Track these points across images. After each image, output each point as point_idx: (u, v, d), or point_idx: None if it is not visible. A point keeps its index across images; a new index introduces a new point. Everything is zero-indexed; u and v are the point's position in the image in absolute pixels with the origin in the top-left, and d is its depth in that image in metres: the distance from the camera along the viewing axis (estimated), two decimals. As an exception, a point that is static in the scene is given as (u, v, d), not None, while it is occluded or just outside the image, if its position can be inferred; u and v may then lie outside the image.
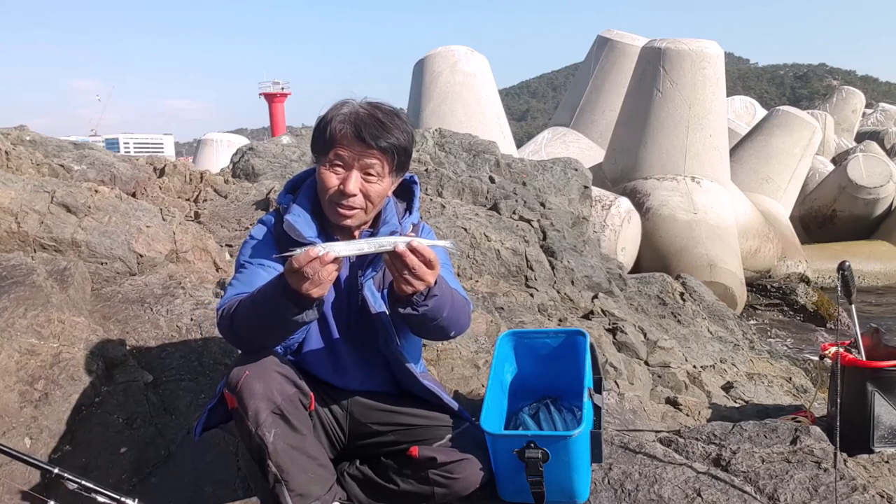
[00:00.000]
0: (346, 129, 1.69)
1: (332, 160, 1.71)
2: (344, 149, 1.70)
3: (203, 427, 1.79)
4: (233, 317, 1.62)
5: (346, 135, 1.69)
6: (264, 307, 1.56)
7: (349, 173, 1.71)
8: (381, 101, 1.77)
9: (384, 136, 1.70)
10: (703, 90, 11.32)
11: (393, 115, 1.75)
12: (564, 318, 4.09)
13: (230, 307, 1.64)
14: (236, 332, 1.65)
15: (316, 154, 1.78)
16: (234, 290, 1.71)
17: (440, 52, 13.91)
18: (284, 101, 59.79)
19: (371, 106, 1.74)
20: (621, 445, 2.16)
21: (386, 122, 1.71)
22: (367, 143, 1.69)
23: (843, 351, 2.54)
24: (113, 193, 3.72)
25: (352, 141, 1.69)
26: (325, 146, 1.72)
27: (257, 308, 1.57)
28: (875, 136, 23.55)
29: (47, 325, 2.36)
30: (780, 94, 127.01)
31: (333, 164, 1.72)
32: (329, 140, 1.71)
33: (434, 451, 1.78)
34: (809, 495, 1.90)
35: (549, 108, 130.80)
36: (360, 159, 1.70)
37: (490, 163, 6.63)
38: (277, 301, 1.52)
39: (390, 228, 1.79)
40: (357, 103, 1.74)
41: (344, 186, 1.70)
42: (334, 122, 1.71)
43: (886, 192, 15.09)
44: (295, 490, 1.61)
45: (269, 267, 1.74)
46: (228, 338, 1.71)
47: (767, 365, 5.21)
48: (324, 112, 1.76)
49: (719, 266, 9.95)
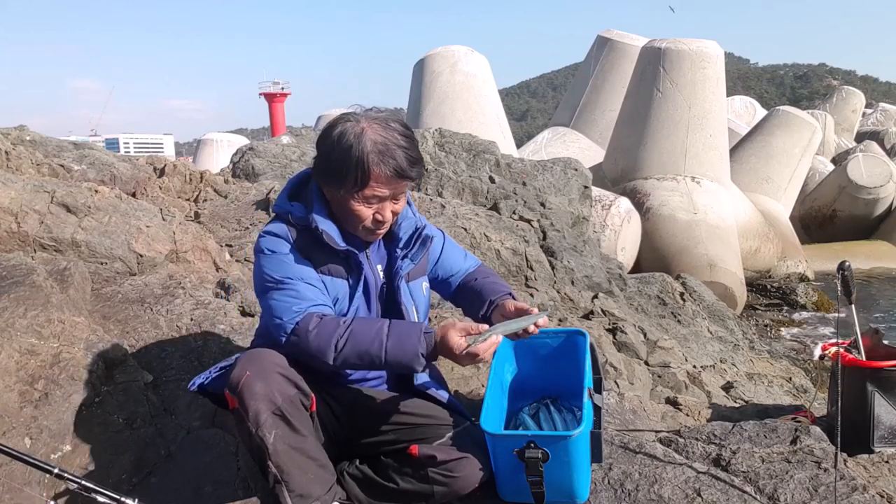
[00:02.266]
0: (384, 170, 1.66)
1: (368, 197, 1.70)
2: (382, 187, 1.69)
3: (201, 387, 1.81)
4: (340, 346, 1.62)
5: (384, 174, 1.67)
6: (397, 359, 1.63)
7: (384, 203, 1.73)
8: (385, 114, 1.75)
9: (419, 165, 1.73)
10: (703, 90, 11.32)
11: (411, 136, 1.74)
12: (564, 318, 4.09)
13: (333, 333, 1.63)
14: (339, 358, 1.64)
15: (340, 186, 1.70)
16: (296, 304, 1.68)
17: (440, 52, 13.91)
18: (284, 100, 59.79)
19: (388, 130, 1.69)
20: (621, 445, 2.16)
21: (413, 150, 1.72)
22: (406, 178, 1.71)
23: (843, 351, 2.54)
24: (113, 193, 3.72)
25: (390, 179, 1.68)
26: (358, 184, 1.67)
27: (388, 355, 1.63)
28: (875, 136, 23.55)
29: (47, 325, 2.36)
30: (780, 94, 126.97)
31: (369, 200, 1.71)
32: (363, 178, 1.67)
33: (434, 450, 1.78)
34: (809, 495, 1.90)
35: (549, 108, 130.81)
36: (395, 191, 1.73)
37: (490, 163, 6.63)
38: (416, 362, 1.63)
39: (413, 223, 1.88)
40: (368, 122, 1.69)
41: (381, 216, 1.74)
42: (370, 163, 1.65)
43: (886, 192, 15.10)
44: (295, 491, 1.61)
45: (312, 281, 1.73)
46: (314, 358, 1.65)
47: (767, 365, 5.22)
48: (338, 139, 1.68)
49: (719, 266, 9.94)
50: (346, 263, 1.80)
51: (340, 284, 1.79)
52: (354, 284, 1.81)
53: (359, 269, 1.80)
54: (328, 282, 1.78)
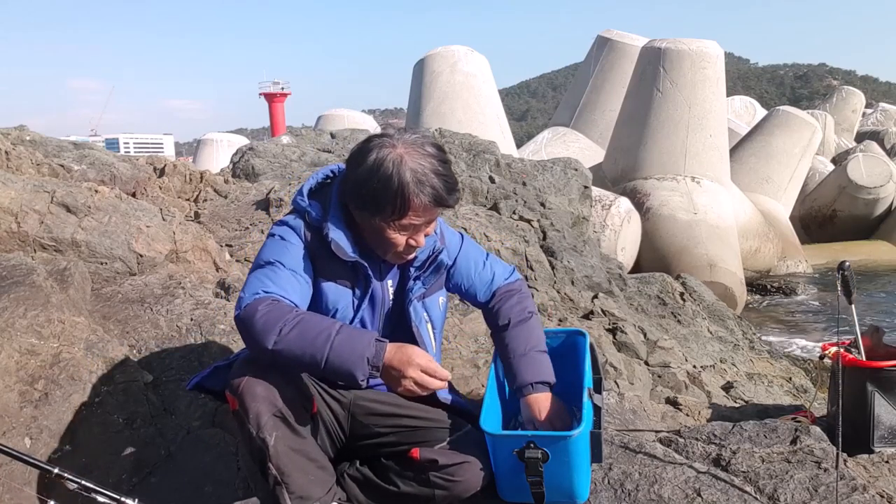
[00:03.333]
0: (424, 200, 1.63)
1: (405, 226, 1.68)
2: (420, 217, 1.67)
3: (199, 381, 1.79)
4: (284, 332, 1.52)
5: (423, 204, 1.64)
6: (336, 363, 1.51)
7: (418, 229, 1.71)
8: (421, 138, 1.69)
9: (455, 194, 1.69)
10: (703, 90, 11.33)
11: (447, 161, 1.70)
12: (564, 318, 4.09)
13: (281, 318, 1.53)
14: (277, 351, 1.53)
15: (376, 214, 1.66)
16: (262, 286, 1.62)
17: (440, 52, 13.91)
18: (284, 100, 59.80)
19: (428, 158, 1.64)
20: (621, 445, 2.16)
21: (450, 176, 1.68)
22: (445, 206, 1.69)
23: (843, 351, 2.53)
24: (113, 193, 3.72)
25: (428, 208, 1.66)
26: (396, 213, 1.64)
27: (323, 357, 1.51)
28: (875, 136, 23.55)
29: (47, 325, 2.36)
30: (780, 94, 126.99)
31: (406, 228, 1.68)
32: (402, 209, 1.63)
33: (435, 453, 1.77)
34: (809, 495, 1.90)
35: (549, 108, 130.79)
36: (431, 218, 1.71)
37: (490, 163, 6.63)
38: (360, 364, 1.52)
39: (431, 241, 1.81)
40: (413, 154, 1.63)
41: (415, 242, 1.72)
42: (409, 194, 1.61)
43: (886, 192, 15.11)
44: (295, 492, 1.61)
45: (299, 275, 1.69)
46: (253, 339, 1.55)
47: (767, 365, 5.21)
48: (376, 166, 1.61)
49: (719, 266, 9.95)
50: (354, 274, 1.77)
51: (344, 294, 1.77)
52: (361, 296, 1.78)
53: (366, 281, 1.78)
54: (331, 288, 1.75)
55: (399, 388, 1.56)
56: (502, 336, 1.96)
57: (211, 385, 1.81)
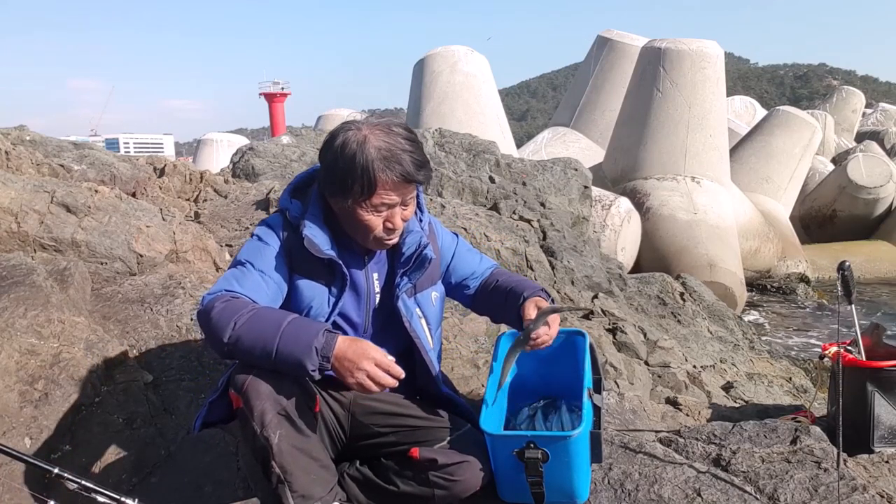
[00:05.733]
0: (392, 176, 1.63)
1: (377, 206, 1.67)
2: (390, 194, 1.66)
3: (203, 422, 1.79)
4: (238, 325, 1.54)
5: (392, 181, 1.64)
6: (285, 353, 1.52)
7: (393, 210, 1.70)
8: (389, 120, 1.72)
9: (425, 168, 1.69)
10: (703, 90, 11.33)
11: (415, 138, 1.71)
12: (564, 318, 4.09)
13: (236, 313, 1.56)
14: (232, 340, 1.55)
15: (347, 196, 1.67)
16: (226, 284, 1.66)
17: (440, 52, 13.91)
18: (284, 100, 59.79)
19: (391, 135, 1.66)
20: (621, 445, 2.16)
21: (418, 153, 1.68)
22: (414, 182, 1.68)
23: (843, 351, 2.54)
24: (113, 193, 3.72)
25: (398, 184, 1.66)
26: (365, 192, 1.64)
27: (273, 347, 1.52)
28: (875, 136, 23.53)
29: (47, 325, 2.36)
30: (780, 94, 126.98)
31: (378, 208, 1.68)
32: (369, 187, 1.63)
33: (435, 453, 1.77)
34: (809, 495, 1.90)
35: (549, 108, 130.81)
36: (403, 197, 1.70)
37: (490, 163, 6.63)
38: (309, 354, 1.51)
39: (417, 237, 1.81)
40: (369, 129, 1.66)
41: (392, 224, 1.71)
42: (375, 170, 1.62)
43: (886, 192, 15.09)
44: (297, 491, 1.61)
45: (266, 276, 1.71)
46: (214, 333, 1.57)
47: (767, 365, 5.21)
48: (341, 148, 1.65)
49: (719, 266, 9.95)
50: (331, 271, 1.76)
51: (320, 291, 1.76)
52: (339, 293, 1.77)
53: (343, 278, 1.76)
54: (307, 286, 1.75)
55: (351, 381, 1.54)
56: (496, 285, 2.00)
57: (213, 419, 1.80)
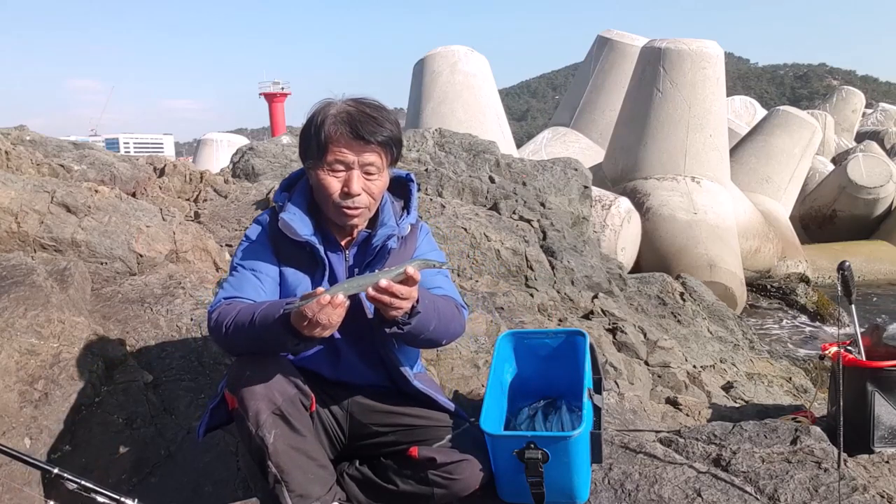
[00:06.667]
0: (342, 129, 1.68)
1: (331, 163, 1.70)
2: (342, 150, 1.69)
3: (206, 427, 1.79)
4: (229, 329, 1.62)
5: (342, 135, 1.68)
6: (266, 334, 1.58)
7: (350, 173, 1.71)
8: (363, 96, 1.77)
9: (380, 131, 1.71)
10: (703, 90, 11.31)
11: (380, 108, 1.75)
12: (564, 318, 4.08)
13: (226, 317, 1.64)
14: (232, 344, 1.67)
15: (310, 160, 1.75)
16: (225, 293, 1.73)
17: (440, 52, 13.90)
18: (284, 100, 59.82)
19: (357, 102, 1.73)
20: (621, 445, 2.16)
21: (377, 116, 1.72)
22: (366, 139, 1.69)
23: (843, 351, 2.53)
24: (113, 193, 3.72)
25: (350, 141, 1.69)
26: (321, 149, 1.70)
27: (257, 332, 1.58)
28: (875, 136, 23.52)
29: (47, 325, 2.36)
30: (780, 94, 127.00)
31: (333, 167, 1.70)
32: (324, 143, 1.69)
33: (434, 452, 1.77)
34: (810, 495, 1.90)
35: (549, 108, 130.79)
36: (359, 158, 1.70)
37: (490, 163, 6.63)
38: (282, 336, 1.55)
39: (388, 231, 1.79)
40: (342, 101, 1.74)
41: (348, 188, 1.71)
42: (327, 125, 1.69)
43: (886, 192, 15.08)
44: (295, 491, 1.61)
45: (260, 273, 1.75)
46: (221, 344, 1.73)
47: (767, 365, 5.21)
48: (310, 115, 1.74)
49: (719, 266, 9.94)
50: (311, 257, 1.78)
51: (302, 278, 1.78)
52: (319, 279, 1.77)
53: (322, 264, 1.77)
54: (290, 273, 1.78)
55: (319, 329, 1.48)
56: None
57: (216, 423, 1.81)
